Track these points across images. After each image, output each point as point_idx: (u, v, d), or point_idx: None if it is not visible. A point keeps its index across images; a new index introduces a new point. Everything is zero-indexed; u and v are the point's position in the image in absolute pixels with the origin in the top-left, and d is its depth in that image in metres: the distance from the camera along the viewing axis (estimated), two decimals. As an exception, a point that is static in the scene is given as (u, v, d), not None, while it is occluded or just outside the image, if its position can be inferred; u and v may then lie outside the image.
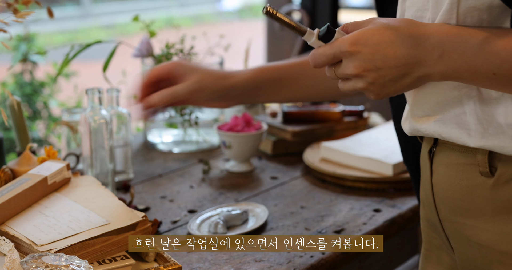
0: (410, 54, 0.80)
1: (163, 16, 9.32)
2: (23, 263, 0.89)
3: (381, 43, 0.81)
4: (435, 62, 0.80)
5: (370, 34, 0.82)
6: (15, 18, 1.11)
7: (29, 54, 3.88)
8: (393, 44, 0.81)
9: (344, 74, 0.84)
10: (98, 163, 1.34)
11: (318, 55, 0.85)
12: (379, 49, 0.81)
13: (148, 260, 1.05)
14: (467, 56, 0.79)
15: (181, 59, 1.17)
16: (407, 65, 0.81)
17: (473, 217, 0.89)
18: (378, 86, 0.83)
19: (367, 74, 0.82)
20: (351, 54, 0.82)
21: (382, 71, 0.81)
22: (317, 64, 0.86)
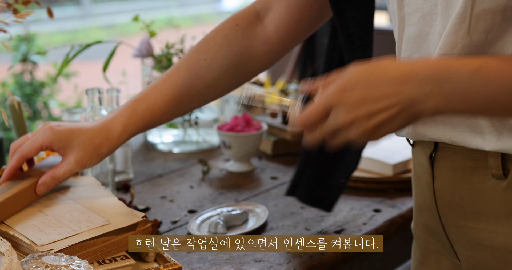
0: (401, 91, 0.77)
1: (163, 16, 9.32)
2: (23, 263, 0.89)
3: (370, 85, 0.78)
4: (428, 96, 0.77)
5: (357, 78, 0.79)
6: (15, 18, 1.11)
7: (29, 54, 3.88)
8: (382, 84, 0.78)
9: (335, 126, 0.80)
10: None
11: (308, 114, 0.81)
12: (368, 91, 0.78)
13: (148, 260, 1.05)
14: (461, 87, 0.76)
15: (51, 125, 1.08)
16: (399, 104, 0.77)
17: (484, 221, 0.88)
18: (372, 130, 0.79)
19: (360, 119, 0.79)
20: (341, 102, 0.79)
21: (374, 113, 0.78)
22: (309, 120, 0.82)
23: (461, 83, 0.76)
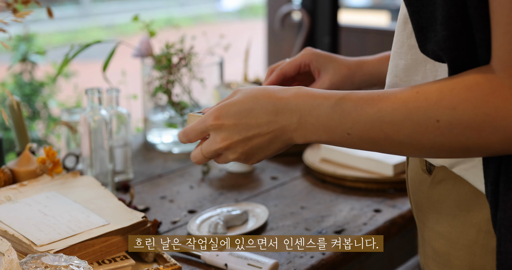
0: (271, 120, 0.84)
1: (163, 16, 9.32)
2: (23, 263, 0.89)
3: (241, 112, 0.85)
4: (296, 126, 0.83)
5: (231, 105, 0.86)
6: (15, 18, 1.10)
7: (28, 54, 3.88)
8: (253, 112, 0.85)
9: (212, 150, 0.88)
10: (97, 163, 1.34)
11: (189, 130, 0.90)
12: (240, 118, 0.85)
13: (148, 260, 1.05)
14: (322, 119, 0.82)
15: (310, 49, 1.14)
16: (271, 132, 0.85)
17: (420, 211, 0.92)
18: (248, 154, 0.87)
19: (235, 145, 0.86)
20: (216, 128, 0.87)
21: (248, 140, 0.85)
22: (190, 139, 0.91)
23: (322, 116, 0.82)
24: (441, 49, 0.76)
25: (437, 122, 0.74)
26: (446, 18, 0.74)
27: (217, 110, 0.87)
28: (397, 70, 0.86)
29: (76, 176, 1.23)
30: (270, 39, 4.12)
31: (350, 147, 0.83)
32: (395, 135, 0.77)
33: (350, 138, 0.81)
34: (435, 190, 0.87)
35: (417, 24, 0.78)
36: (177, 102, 1.64)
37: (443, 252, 0.86)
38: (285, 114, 0.84)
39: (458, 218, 0.83)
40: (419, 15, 0.77)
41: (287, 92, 0.85)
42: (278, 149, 0.87)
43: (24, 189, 1.17)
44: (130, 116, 1.49)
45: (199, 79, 1.65)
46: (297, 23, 3.09)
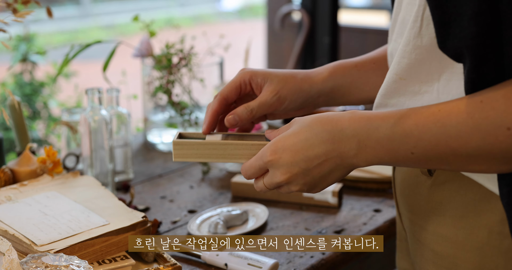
0: (329, 149, 0.82)
1: (163, 16, 9.32)
2: (23, 263, 0.89)
3: (297, 144, 0.83)
4: (355, 152, 0.81)
5: (286, 138, 0.84)
6: (15, 18, 1.10)
7: (28, 54, 3.88)
8: (309, 143, 0.83)
9: (274, 183, 0.87)
10: (98, 163, 1.34)
11: (248, 167, 0.89)
12: (297, 151, 0.83)
13: (148, 260, 1.05)
14: (383, 141, 0.80)
15: (246, 69, 1.04)
16: (330, 160, 0.83)
17: (415, 214, 0.91)
18: (310, 185, 0.85)
19: (295, 178, 0.85)
20: (274, 163, 0.85)
21: (308, 171, 0.84)
22: (249, 176, 0.89)
23: (382, 138, 0.80)
24: (466, 46, 0.74)
25: (508, 130, 0.72)
26: (476, 14, 0.72)
27: (273, 144, 0.85)
28: (398, 68, 0.85)
29: (76, 176, 1.23)
30: (270, 39, 4.12)
31: (415, 166, 0.81)
32: (462, 149, 0.75)
33: (414, 157, 0.79)
34: (436, 192, 0.86)
35: (439, 19, 0.76)
36: (177, 102, 1.65)
37: (447, 254, 0.85)
38: (342, 141, 0.82)
39: (465, 219, 0.83)
40: (442, 10, 0.75)
41: (341, 118, 0.83)
42: (341, 175, 0.85)
43: (24, 189, 1.17)
44: (130, 116, 1.49)
45: (199, 79, 1.66)
46: (297, 23, 3.09)
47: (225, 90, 1.02)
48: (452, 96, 0.80)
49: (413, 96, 0.84)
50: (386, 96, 0.88)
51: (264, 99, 1.01)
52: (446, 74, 0.80)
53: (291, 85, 1.03)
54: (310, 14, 2.72)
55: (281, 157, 0.84)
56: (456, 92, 0.79)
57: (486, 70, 0.74)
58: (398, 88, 0.86)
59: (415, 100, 0.84)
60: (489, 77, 0.74)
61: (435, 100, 0.82)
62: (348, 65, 1.08)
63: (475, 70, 0.74)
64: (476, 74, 0.75)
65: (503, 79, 0.73)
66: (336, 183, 0.88)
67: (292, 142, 0.84)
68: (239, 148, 0.92)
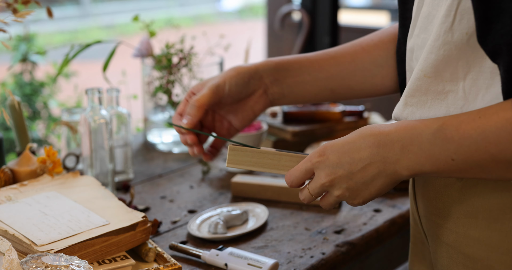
0: (373, 152, 0.84)
1: (163, 16, 9.32)
2: (23, 263, 0.89)
3: (344, 146, 0.86)
4: (398, 157, 0.83)
5: (334, 142, 0.87)
6: (15, 18, 1.10)
7: (28, 54, 3.88)
8: (355, 146, 0.85)
9: (318, 186, 0.88)
10: (98, 163, 1.34)
11: (293, 171, 0.90)
12: (343, 152, 0.86)
13: (148, 260, 1.05)
14: (425, 146, 0.81)
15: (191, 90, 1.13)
16: (374, 164, 0.84)
17: (443, 217, 0.90)
18: (353, 191, 0.86)
19: (339, 180, 0.86)
20: (320, 164, 0.87)
21: (352, 174, 0.85)
22: (293, 181, 0.91)
23: (424, 143, 0.81)
24: (507, 42, 0.74)
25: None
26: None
27: (322, 147, 0.88)
28: (425, 64, 0.84)
29: (76, 176, 1.23)
30: (270, 39, 4.12)
31: (456, 175, 0.82)
32: (501, 155, 0.76)
33: (455, 164, 0.79)
34: (468, 194, 0.85)
35: (482, 14, 0.76)
36: (177, 102, 1.64)
37: (481, 257, 0.84)
38: (386, 145, 0.83)
39: (500, 221, 0.82)
40: (486, 5, 0.75)
41: (389, 126, 0.85)
42: (384, 186, 0.86)
43: (24, 189, 1.17)
44: (130, 116, 1.49)
45: (199, 79, 1.66)
46: (297, 23, 3.09)
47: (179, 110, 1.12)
48: (482, 96, 0.80)
49: (436, 95, 0.84)
50: (409, 95, 0.88)
51: (205, 91, 1.08)
52: (472, 73, 0.80)
53: (227, 72, 1.09)
54: (310, 14, 2.72)
55: (328, 158, 0.86)
56: (486, 91, 0.79)
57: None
58: (420, 86, 0.86)
59: (439, 99, 0.84)
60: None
61: (461, 99, 0.82)
62: (296, 55, 1.12)
63: (510, 69, 0.74)
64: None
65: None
66: (379, 196, 0.89)
67: (341, 145, 0.86)
68: (292, 160, 0.94)
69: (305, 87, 1.11)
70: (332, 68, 1.10)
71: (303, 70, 1.10)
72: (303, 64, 1.10)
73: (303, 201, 0.91)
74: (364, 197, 0.87)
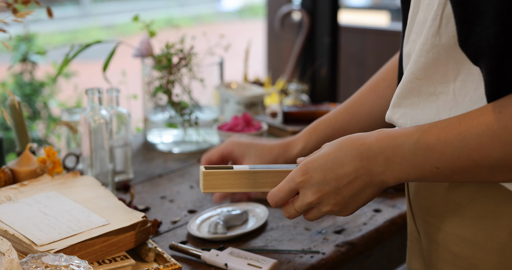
0: (358, 166, 0.84)
1: (163, 16, 9.32)
2: (23, 263, 0.89)
3: (327, 163, 0.86)
4: (383, 169, 0.83)
5: (316, 159, 0.87)
6: (15, 18, 1.10)
7: (28, 54, 3.88)
8: (338, 161, 0.85)
9: (305, 204, 0.88)
10: (98, 163, 1.34)
11: (276, 192, 0.90)
12: (327, 169, 0.85)
13: (148, 260, 1.05)
14: (408, 157, 0.81)
15: (233, 138, 1.19)
16: (360, 178, 0.84)
17: (432, 215, 0.90)
18: (341, 205, 0.87)
19: (326, 197, 0.87)
20: (305, 183, 0.87)
21: (339, 190, 0.85)
22: (277, 202, 0.91)
23: (407, 154, 0.81)
24: (488, 45, 0.74)
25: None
26: (499, 12, 0.72)
27: (303, 165, 0.87)
28: (415, 67, 0.84)
29: (76, 176, 1.23)
30: (270, 39, 4.12)
31: (442, 181, 0.82)
32: (484, 161, 0.76)
33: (439, 172, 0.80)
34: (455, 193, 0.86)
35: (461, 17, 0.76)
36: (177, 102, 1.65)
37: (467, 256, 0.85)
38: (370, 159, 0.83)
39: (485, 220, 0.82)
40: (465, 8, 0.75)
41: (369, 137, 0.85)
42: (372, 195, 0.86)
43: (24, 189, 1.17)
44: (130, 116, 1.49)
45: (199, 79, 1.66)
46: (297, 23, 3.09)
47: (209, 154, 1.21)
48: (470, 97, 0.80)
49: (428, 97, 0.84)
50: (401, 96, 0.88)
51: None
52: (462, 75, 0.80)
53: (266, 162, 1.14)
54: (310, 14, 2.72)
55: (312, 177, 0.86)
56: (474, 93, 0.79)
57: (507, 70, 0.74)
58: (413, 88, 0.86)
59: (430, 101, 0.84)
60: (510, 78, 0.74)
61: (452, 101, 0.82)
62: (321, 125, 1.18)
63: (496, 70, 0.74)
64: (497, 73, 0.74)
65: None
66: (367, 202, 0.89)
67: (323, 161, 0.86)
68: (269, 176, 0.93)
69: None
70: (353, 127, 1.15)
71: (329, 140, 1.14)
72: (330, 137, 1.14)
73: (288, 218, 0.92)
74: (352, 208, 0.88)
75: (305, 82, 2.17)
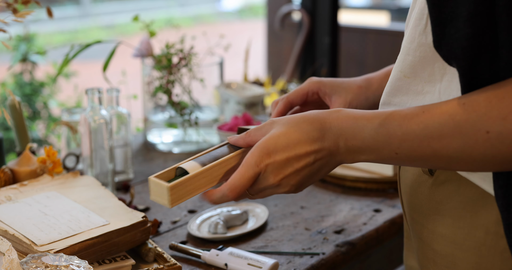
0: (319, 148, 0.83)
1: (163, 16, 9.32)
2: (23, 263, 0.89)
3: (290, 144, 0.83)
4: (343, 150, 0.83)
5: (276, 139, 0.83)
6: (15, 18, 1.10)
7: (28, 54, 3.88)
8: (301, 142, 0.83)
9: (264, 187, 0.85)
10: (98, 163, 1.34)
11: (239, 181, 0.84)
12: (290, 151, 0.83)
13: (148, 260, 1.05)
14: (368, 141, 0.81)
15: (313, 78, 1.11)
16: (321, 159, 0.83)
17: (417, 213, 0.91)
18: (298, 185, 0.85)
19: (287, 179, 0.84)
20: (268, 166, 0.83)
21: (300, 171, 0.84)
22: (239, 192, 0.85)
23: (367, 138, 0.81)
24: (461, 46, 0.74)
25: (487, 133, 0.72)
26: (472, 15, 0.72)
27: (264, 147, 0.83)
28: (403, 65, 0.85)
29: (76, 176, 1.23)
30: (270, 39, 4.12)
31: (400, 164, 0.82)
32: (443, 150, 0.76)
33: (398, 157, 0.80)
34: (437, 192, 0.86)
35: (436, 18, 0.76)
36: (177, 102, 1.65)
37: (446, 254, 0.85)
38: (331, 139, 0.83)
39: (463, 219, 0.83)
40: (440, 10, 0.75)
41: (329, 116, 0.83)
42: (326, 173, 0.86)
43: (24, 189, 1.17)
44: (130, 116, 1.49)
45: (199, 79, 1.66)
46: (297, 23, 3.09)
47: (291, 95, 1.08)
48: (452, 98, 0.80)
49: (415, 96, 0.84)
50: (391, 94, 0.88)
51: None
52: (448, 75, 0.80)
53: (359, 96, 1.08)
54: (310, 14, 2.72)
55: (275, 159, 0.83)
56: (456, 94, 0.79)
57: (481, 71, 0.74)
58: (401, 86, 0.86)
59: (418, 100, 0.84)
60: (484, 79, 0.74)
61: (437, 101, 0.82)
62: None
63: (470, 71, 0.74)
64: (471, 74, 0.75)
65: (497, 82, 0.73)
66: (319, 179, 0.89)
67: (284, 142, 0.83)
68: (221, 167, 0.88)
69: None
70: None
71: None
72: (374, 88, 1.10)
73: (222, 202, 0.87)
74: (305, 187, 0.87)
75: (305, 82, 2.17)
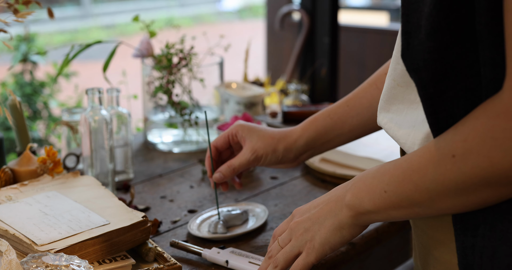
0: (331, 194, 0.91)
1: (163, 16, 9.33)
2: (23, 263, 0.89)
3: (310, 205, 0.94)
4: (346, 193, 0.88)
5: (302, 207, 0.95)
6: (16, 18, 1.11)
7: (29, 54, 3.88)
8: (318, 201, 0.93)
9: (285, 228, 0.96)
10: (98, 163, 1.34)
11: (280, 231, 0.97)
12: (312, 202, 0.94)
13: (148, 259, 1.05)
14: (367, 180, 0.85)
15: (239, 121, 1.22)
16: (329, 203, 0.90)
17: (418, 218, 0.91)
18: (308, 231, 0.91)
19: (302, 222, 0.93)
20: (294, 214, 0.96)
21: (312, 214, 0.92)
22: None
23: (369, 178, 0.85)
24: (423, 59, 0.74)
25: (453, 157, 0.73)
26: (434, 30, 0.72)
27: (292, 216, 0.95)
28: (395, 74, 0.85)
29: (76, 176, 1.23)
30: (270, 39, 4.12)
31: (392, 211, 0.82)
32: (421, 183, 0.77)
33: (387, 196, 0.81)
34: None
35: (403, 28, 0.77)
36: (177, 102, 1.65)
37: (445, 260, 0.85)
38: (341, 187, 0.90)
39: None
40: (407, 19, 0.76)
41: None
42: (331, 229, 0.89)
43: (24, 188, 1.17)
44: (130, 116, 1.49)
45: (199, 79, 1.66)
46: (297, 23, 3.09)
47: (216, 140, 1.21)
48: None
49: (410, 104, 0.85)
50: (388, 102, 0.89)
51: (244, 157, 1.17)
52: None
53: (266, 146, 1.17)
54: (310, 14, 2.72)
55: (298, 210, 0.95)
56: None
57: (444, 87, 0.74)
58: (397, 95, 0.86)
59: (412, 108, 0.84)
60: (449, 96, 0.74)
61: None
62: (321, 116, 1.18)
63: (431, 85, 0.74)
64: (433, 89, 0.74)
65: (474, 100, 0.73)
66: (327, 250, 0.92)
67: (307, 206, 0.94)
68: None
69: (331, 144, 1.20)
70: (352, 119, 1.16)
71: (328, 133, 1.18)
72: (328, 128, 1.18)
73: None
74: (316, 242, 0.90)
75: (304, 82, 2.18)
